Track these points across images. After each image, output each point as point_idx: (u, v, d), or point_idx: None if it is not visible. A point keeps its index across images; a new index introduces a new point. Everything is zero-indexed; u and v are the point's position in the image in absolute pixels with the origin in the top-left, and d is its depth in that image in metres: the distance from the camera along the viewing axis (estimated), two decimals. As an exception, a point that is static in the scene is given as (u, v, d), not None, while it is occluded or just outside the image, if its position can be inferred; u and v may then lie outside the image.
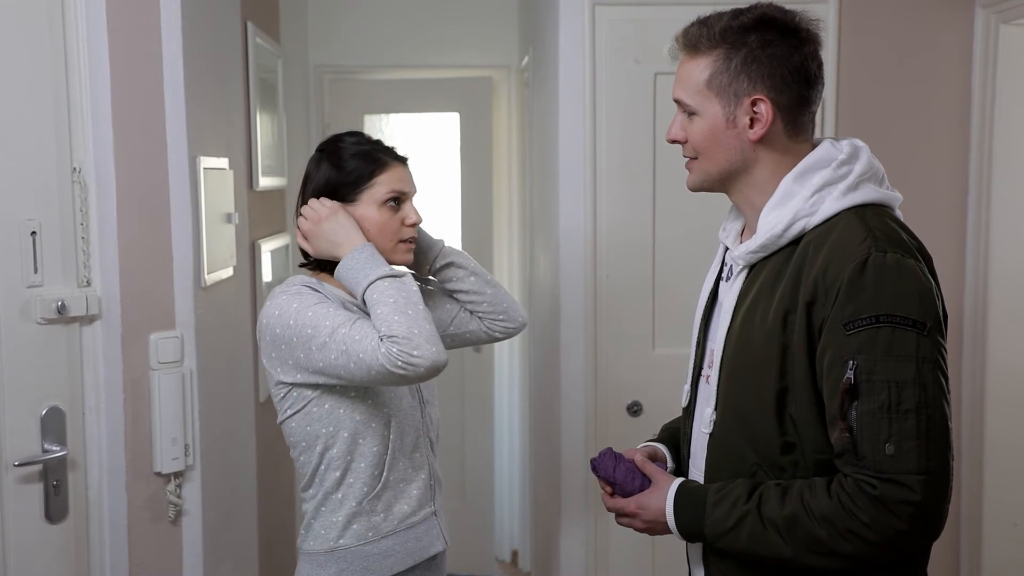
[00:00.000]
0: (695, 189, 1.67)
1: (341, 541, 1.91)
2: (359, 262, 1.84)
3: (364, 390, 1.88)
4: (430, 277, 2.10)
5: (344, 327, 1.78)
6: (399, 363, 1.71)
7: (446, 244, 2.10)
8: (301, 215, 1.96)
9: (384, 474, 1.91)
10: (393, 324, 1.74)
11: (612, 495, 1.71)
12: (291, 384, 1.88)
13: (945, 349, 1.47)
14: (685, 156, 1.65)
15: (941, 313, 1.48)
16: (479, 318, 2.10)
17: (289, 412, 1.91)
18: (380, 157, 1.94)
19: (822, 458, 1.49)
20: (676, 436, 1.83)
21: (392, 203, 1.93)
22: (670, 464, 1.80)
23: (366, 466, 1.90)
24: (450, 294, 2.11)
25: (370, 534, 1.91)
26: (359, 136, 1.99)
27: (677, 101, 1.63)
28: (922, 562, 1.56)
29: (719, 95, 1.56)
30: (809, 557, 1.47)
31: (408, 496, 1.95)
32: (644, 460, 1.71)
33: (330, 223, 1.89)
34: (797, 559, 1.47)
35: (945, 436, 1.43)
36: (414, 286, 1.83)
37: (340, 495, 1.91)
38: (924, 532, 1.44)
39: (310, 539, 1.94)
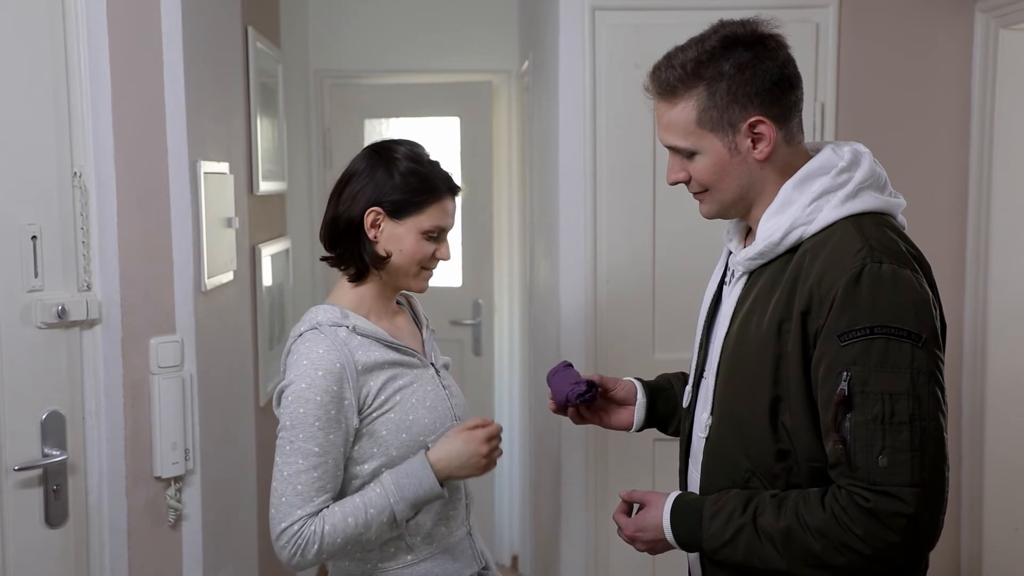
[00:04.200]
0: (711, 217, 1.65)
1: (381, 564, 1.85)
2: (425, 488, 1.78)
3: (396, 430, 1.82)
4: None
5: (300, 476, 1.72)
6: (286, 554, 1.72)
7: None
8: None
9: None
10: (328, 539, 1.72)
11: (555, 409, 1.91)
12: None
13: (942, 361, 1.46)
14: (692, 191, 1.64)
15: (938, 324, 1.48)
16: None
17: None
18: (437, 186, 1.87)
19: (816, 466, 1.49)
20: (664, 384, 1.94)
21: (432, 236, 1.88)
22: (639, 398, 1.90)
23: None
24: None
25: (409, 557, 1.86)
26: (419, 150, 1.90)
27: (671, 147, 1.61)
28: (915, 572, 1.55)
29: (714, 130, 1.55)
30: (804, 570, 1.46)
31: (444, 516, 1.90)
32: (631, 491, 1.70)
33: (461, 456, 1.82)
34: (792, 572, 1.47)
35: (940, 448, 1.42)
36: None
37: None
38: (917, 544, 1.43)
39: (345, 559, 1.88)
